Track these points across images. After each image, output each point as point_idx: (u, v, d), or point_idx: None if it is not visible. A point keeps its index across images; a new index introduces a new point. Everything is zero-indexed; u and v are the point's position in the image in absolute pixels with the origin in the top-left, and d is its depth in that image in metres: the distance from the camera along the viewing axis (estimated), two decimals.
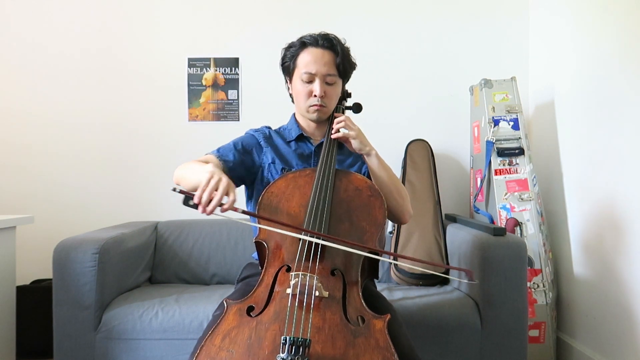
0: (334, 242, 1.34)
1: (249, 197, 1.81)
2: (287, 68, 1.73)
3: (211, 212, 1.30)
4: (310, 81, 1.66)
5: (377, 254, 1.40)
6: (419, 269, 2.40)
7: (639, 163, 2.01)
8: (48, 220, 2.79)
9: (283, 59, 1.74)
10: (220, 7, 2.95)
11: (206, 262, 2.56)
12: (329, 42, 1.68)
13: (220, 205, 1.30)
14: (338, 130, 1.61)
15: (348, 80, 1.80)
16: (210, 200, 1.29)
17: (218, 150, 1.72)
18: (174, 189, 1.29)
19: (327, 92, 1.67)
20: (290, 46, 1.72)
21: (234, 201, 1.31)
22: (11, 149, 2.88)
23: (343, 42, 1.73)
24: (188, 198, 1.30)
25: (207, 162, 1.57)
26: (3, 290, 2.18)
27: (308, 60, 1.65)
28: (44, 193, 2.88)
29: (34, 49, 2.91)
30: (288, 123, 1.83)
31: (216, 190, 1.30)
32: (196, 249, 2.58)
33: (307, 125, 1.78)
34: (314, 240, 1.34)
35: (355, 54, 2.96)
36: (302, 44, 1.69)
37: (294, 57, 1.69)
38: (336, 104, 1.77)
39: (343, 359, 1.11)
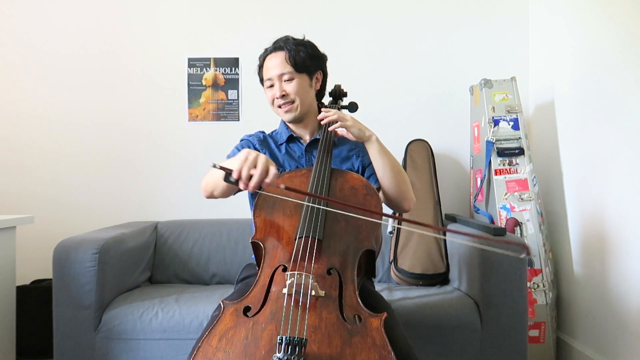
0: (339, 208, 1.35)
1: (251, 199, 1.81)
2: (261, 82, 1.80)
3: (254, 188, 1.29)
4: (272, 86, 1.72)
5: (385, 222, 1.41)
6: (418, 270, 2.41)
7: (638, 162, 2.01)
8: (48, 220, 2.80)
9: (258, 74, 1.81)
10: (220, 7, 2.95)
11: (206, 262, 2.57)
12: (276, 44, 1.74)
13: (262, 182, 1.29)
14: (332, 124, 1.62)
15: (322, 71, 1.81)
16: (250, 177, 1.29)
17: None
18: (214, 165, 1.28)
19: (287, 90, 1.70)
20: (259, 59, 1.80)
21: (275, 174, 1.30)
22: (11, 149, 2.89)
23: (301, 38, 1.77)
24: (228, 174, 1.29)
25: None
26: (3, 290, 2.19)
27: (265, 68, 1.74)
28: (44, 193, 2.89)
29: (35, 49, 2.91)
30: (279, 127, 1.86)
31: (254, 167, 1.30)
32: (196, 249, 2.58)
33: (294, 127, 1.81)
34: (321, 207, 1.36)
35: (354, 54, 2.98)
36: (262, 56, 1.78)
37: (260, 69, 1.78)
38: (327, 104, 1.80)
39: (340, 358, 1.11)
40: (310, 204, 1.37)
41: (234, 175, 1.28)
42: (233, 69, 2.95)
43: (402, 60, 2.98)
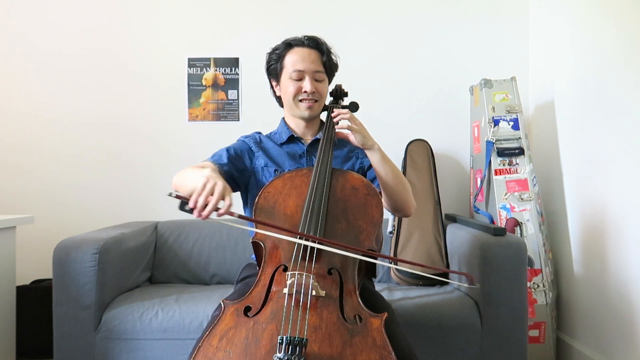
0: (329, 246, 1.34)
1: (245, 203, 1.82)
2: (274, 70, 1.76)
3: (207, 217, 1.29)
4: (300, 79, 1.69)
5: (373, 258, 1.39)
6: (417, 271, 2.40)
7: (638, 162, 2.01)
8: (48, 220, 2.79)
9: (268, 62, 1.78)
10: (220, 7, 2.95)
11: (206, 262, 2.56)
12: (314, 42, 1.72)
13: (217, 209, 1.29)
14: (340, 122, 1.62)
15: (332, 81, 1.83)
16: (206, 205, 1.28)
17: (212, 156, 1.74)
18: (170, 194, 1.30)
19: (318, 89, 1.70)
20: (275, 49, 1.76)
21: (229, 205, 1.30)
22: (11, 149, 2.89)
23: (326, 43, 1.76)
24: (184, 203, 1.30)
25: (204, 167, 1.58)
26: (3, 290, 2.19)
27: (296, 59, 1.69)
28: (44, 193, 2.89)
29: (35, 49, 2.91)
30: (278, 127, 1.85)
31: (212, 194, 1.29)
32: (196, 249, 2.58)
33: (297, 126, 1.80)
34: (309, 244, 1.34)
35: (354, 54, 2.98)
36: (288, 45, 1.73)
37: (281, 58, 1.72)
38: (328, 103, 1.81)
39: (340, 358, 1.12)
40: (299, 241, 1.36)
41: (190, 205, 1.28)
42: (233, 69, 2.95)
43: (402, 60, 2.98)
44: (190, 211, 1.29)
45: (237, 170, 1.72)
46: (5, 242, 2.21)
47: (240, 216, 1.33)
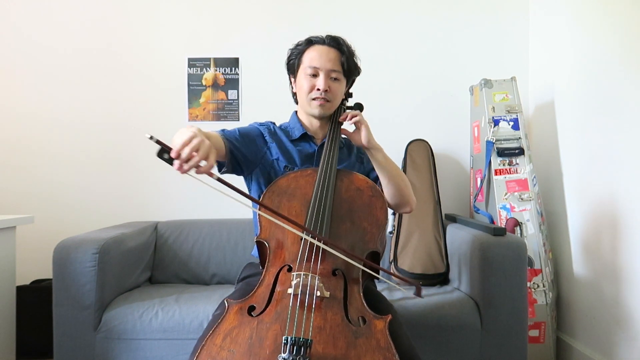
0: (333, 249, 1.33)
1: (249, 191, 1.79)
2: (292, 66, 1.74)
3: (186, 171, 1.23)
4: (315, 75, 1.67)
5: (374, 270, 1.39)
6: (418, 270, 2.41)
7: (638, 162, 2.01)
8: (48, 220, 2.79)
9: (289, 57, 1.76)
10: (220, 7, 2.95)
11: (206, 262, 2.56)
12: (335, 41, 1.70)
13: (197, 167, 1.24)
14: (352, 118, 1.63)
15: (351, 84, 1.81)
16: (188, 159, 1.22)
17: (223, 130, 1.68)
18: (151, 137, 1.18)
19: (332, 88, 1.67)
20: (297, 45, 1.75)
21: (211, 166, 1.26)
22: (11, 149, 2.88)
23: (349, 45, 1.74)
24: (164, 150, 1.20)
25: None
26: (3, 290, 2.18)
27: (313, 55, 1.68)
28: (44, 193, 2.88)
29: (35, 49, 2.90)
30: (290, 121, 1.82)
31: (196, 151, 1.24)
32: (196, 249, 2.58)
33: (310, 124, 1.78)
34: (315, 242, 1.34)
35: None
36: (309, 42, 1.72)
37: (300, 54, 1.71)
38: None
39: (344, 359, 1.12)
40: (306, 238, 1.35)
41: (173, 154, 1.21)
42: (233, 69, 2.95)
43: (402, 61, 2.98)
44: (170, 161, 1.22)
45: (243, 154, 1.66)
46: (5, 242, 2.20)
47: (219, 179, 1.25)
